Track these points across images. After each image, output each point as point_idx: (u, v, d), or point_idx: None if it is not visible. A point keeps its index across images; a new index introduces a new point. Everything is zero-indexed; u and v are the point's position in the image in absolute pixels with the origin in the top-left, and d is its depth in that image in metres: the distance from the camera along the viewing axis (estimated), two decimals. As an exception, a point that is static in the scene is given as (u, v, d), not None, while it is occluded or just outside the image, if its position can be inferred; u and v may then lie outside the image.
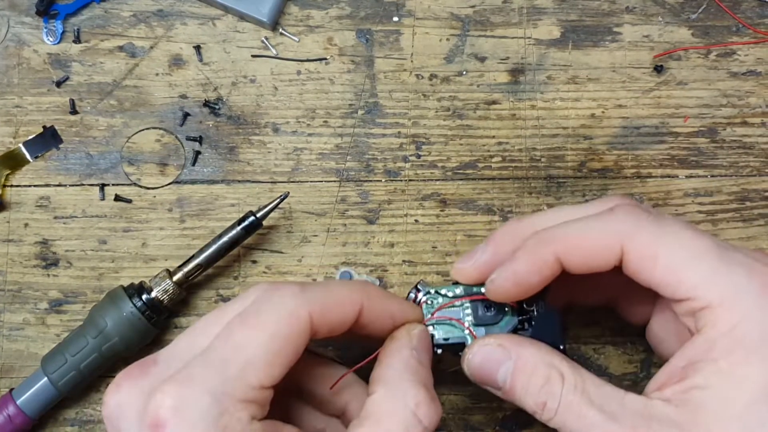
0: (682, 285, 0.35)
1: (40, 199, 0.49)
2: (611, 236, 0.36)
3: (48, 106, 0.50)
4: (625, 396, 0.35)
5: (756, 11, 0.52)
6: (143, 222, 0.49)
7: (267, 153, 0.50)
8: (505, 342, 0.37)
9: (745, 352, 0.33)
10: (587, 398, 0.35)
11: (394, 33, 0.51)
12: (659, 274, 0.35)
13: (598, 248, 0.36)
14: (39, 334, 0.48)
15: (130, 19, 0.51)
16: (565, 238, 0.37)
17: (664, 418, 0.33)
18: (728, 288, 0.34)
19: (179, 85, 0.50)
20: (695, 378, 0.34)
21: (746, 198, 0.50)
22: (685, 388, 0.34)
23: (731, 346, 0.33)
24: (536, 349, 0.37)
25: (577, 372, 0.36)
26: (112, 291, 0.46)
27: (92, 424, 0.48)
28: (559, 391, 0.35)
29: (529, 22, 0.51)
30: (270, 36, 0.51)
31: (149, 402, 0.33)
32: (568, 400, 0.35)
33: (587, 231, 0.37)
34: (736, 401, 0.33)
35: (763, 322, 0.33)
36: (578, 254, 0.37)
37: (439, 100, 0.51)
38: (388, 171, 0.50)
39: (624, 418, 0.34)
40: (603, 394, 0.35)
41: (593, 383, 0.35)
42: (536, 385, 0.36)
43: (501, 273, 0.38)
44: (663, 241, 0.35)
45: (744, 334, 0.33)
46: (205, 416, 0.32)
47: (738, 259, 0.35)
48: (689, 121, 0.51)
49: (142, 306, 0.45)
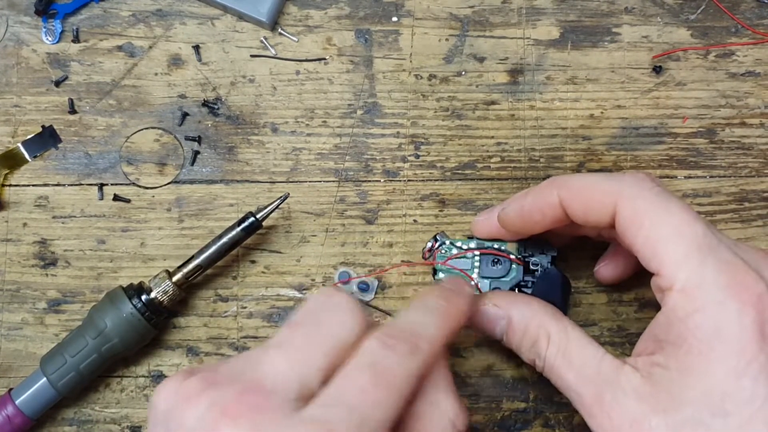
0: (655, 259, 0.35)
1: (38, 198, 0.49)
2: (610, 193, 0.37)
3: (47, 106, 0.50)
4: (602, 358, 0.37)
5: (755, 12, 0.52)
6: (142, 222, 0.49)
7: (266, 153, 0.50)
8: (500, 301, 0.41)
9: (700, 343, 0.33)
10: (568, 360, 0.38)
11: (393, 33, 0.51)
12: (639, 241, 0.36)
13: (596, 201, 0.38)
14: (37, 334, 0.48)
15: (129, 19, 0.51)
16: (571, 185, 0.39)
17: (630, 386, 0.35)
18: (694, 276, 0.34)
19: (178, 85, 0.50)
20: (658, 356, 0.35)
21: (745, 199, 0.50)
22: (651, 363, 0.35)
23: (684, 334, 0.34)
24: (527, 309, 0.40)
25: (563, 332, 0.39)
26: (111, 291, 0.46)
27: (90, 423, 0.48)
28: (544, 353, 0.39)
29: (528, 23, 0.51)
30: (269, 36, 0.51)
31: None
32: (551, 362, 0.38)
33: (592, 183, 0.39)
34: (685, 391, 0.34)
35: (720, 315, 0.33)
36: (578, 202, 0.39)
37: (438, 100, 0.51)
38: (387, 171, 0.50)
39: (595, 381, 0.36)
40: (584, 355, 0.37)
41: (578, 344, 0.38)
42: (526, 344, 0.40)
43: (511, 203, 0.42)
44: (654, 213, 0.36)
45: (697, 326, 0.34)
46: None
47: (719, 252, 0.35)
48: (688, 122, 0.51)
49: (142, 307, 0.45)
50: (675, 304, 0.35)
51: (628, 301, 0.49)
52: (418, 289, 0.49)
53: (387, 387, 0.31)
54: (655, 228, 0.36)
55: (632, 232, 0.36)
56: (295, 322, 0.33)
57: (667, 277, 0.35)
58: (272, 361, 0.31)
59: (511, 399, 0.48)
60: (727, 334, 0.33)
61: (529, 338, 0.40)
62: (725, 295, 0.33)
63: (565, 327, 0.39)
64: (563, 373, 0.38)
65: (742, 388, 0.33)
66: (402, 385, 0.31)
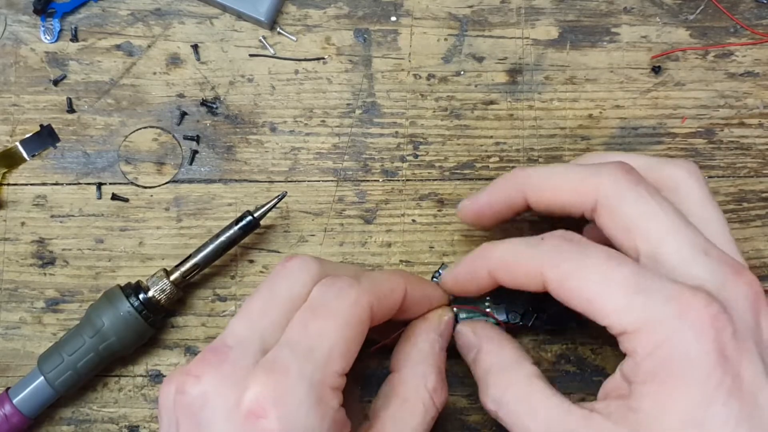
0: (598, 314, 0.35)
1: (36, 197, 0.49)
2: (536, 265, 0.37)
3: (45, 105, 0.50)
4: (569, 410, 0.35)
5: (754, 12, 0.52)
6: (140, 221, 0.49)
7: (264, 152, 0.50)
8: (479, 331, 0.42)
9: (668, 376, 0.33)
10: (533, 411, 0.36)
11: (391, 33, 0.51)
12: (576, 303, 0.36)
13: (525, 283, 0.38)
14: (35, 333, 0.48)
15: (128, 18, 0.51)
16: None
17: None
18: (642, 315, 0.33)
19: (177, 84, 0.50)
20: (630, 399, 0.34)
21: (743, 199, 0.50)
22: (624, 407, 0.34)
23: (654, 370, 0.33)
24: (498, 348, 0.40)
25: (526, 381, 0.38)
26: (109, 290, 0.46)
27: (88, 423, 0.48)
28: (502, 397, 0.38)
29: (527, 23, 0.51)
30: (268, 35, 0.51)
31: (245, 392, 0.33)
32: (512, 408, 0.37)
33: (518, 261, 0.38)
34: (665, 427, 0.32)
35: (680, 345, 0.32)
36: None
37: (437, 100, 0.51)
38: (386, 171, 0.50)
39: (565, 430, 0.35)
40: (549, 405, 0.36)
41: (542, 394, 0.37)
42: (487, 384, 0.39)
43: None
44: (578, 274, 0.35)
45: (663, 358, 0.33)
46: (305, 404, 0.33)
47: (657, 286, 0.34)
48: (687, 122, 0.51)
49: (139, 306, 0.45)
50: (636, 345, 0.34)
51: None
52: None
53: (325, 318, 0.35)
54: (585, 286, 0.35)
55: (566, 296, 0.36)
56: (253, 293, 0.38)
57: (616, 326, 0.34)
58: (233, 326, 0.36)
59: (509, 399, 0.48)
60: (691, 362, 0.32)
61: (493, 377, 0.39)
62: (679, 323, 0.33)
63: (528, 376, 0.38)
64: (526, 422, 0.36)
65: (714, 414, 0.32)
66: (342, 314, 0.36)
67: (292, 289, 0.37)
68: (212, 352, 0.35)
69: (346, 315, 0.36)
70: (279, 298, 0.37)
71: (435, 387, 0.40)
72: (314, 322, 0.35)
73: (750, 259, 0.49)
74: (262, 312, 0.37)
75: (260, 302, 0.37)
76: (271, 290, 0.38)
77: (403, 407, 0.39)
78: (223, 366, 0.34)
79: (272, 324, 0.36)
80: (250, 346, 0.35)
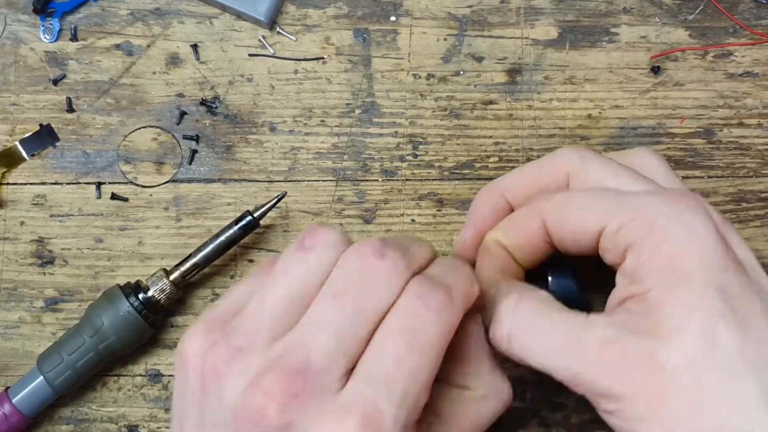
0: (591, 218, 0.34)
1: (36, 197, 0.49)
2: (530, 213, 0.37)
3: (44, 104, 0.50)
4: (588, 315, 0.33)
5: (753, 12, 0.52)
6: (139, 221, 0.49)
7: (264, 152, 0.50)
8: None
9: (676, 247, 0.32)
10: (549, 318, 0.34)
11: (391, 32, 0.51)
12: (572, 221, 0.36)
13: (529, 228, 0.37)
14: (34, 333, 0.48)
15: (127, 18, 0.51)
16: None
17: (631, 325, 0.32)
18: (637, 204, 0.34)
19: (176, 84, 0.50)
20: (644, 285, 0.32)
21: (742, 199, 0.50)
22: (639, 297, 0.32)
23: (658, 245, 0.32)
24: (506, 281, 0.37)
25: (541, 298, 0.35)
26: (108, 290, 0.46)
27: (87, 422, 0.48)
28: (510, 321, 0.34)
29: (527, 23, 0.51)
30: (267, 35, 0.51)
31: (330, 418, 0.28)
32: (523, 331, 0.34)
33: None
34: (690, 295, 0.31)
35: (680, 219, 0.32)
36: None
37: (436, 99, 0.51)
38: (385, 170, 0.50)
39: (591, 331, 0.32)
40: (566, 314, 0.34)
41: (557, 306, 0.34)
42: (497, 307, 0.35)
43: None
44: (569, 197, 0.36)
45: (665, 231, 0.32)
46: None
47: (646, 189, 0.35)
48: (686, 122, 0.51)
49: (139, 305, 0.45)
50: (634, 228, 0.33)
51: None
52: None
53: (422, 351, 0.30)
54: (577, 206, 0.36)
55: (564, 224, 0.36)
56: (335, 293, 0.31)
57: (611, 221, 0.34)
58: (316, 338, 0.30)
59: (508, 399, 0.48)
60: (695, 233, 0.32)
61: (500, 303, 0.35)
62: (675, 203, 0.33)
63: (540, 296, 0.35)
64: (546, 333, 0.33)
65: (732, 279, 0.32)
66: (437, 345, 0.30)
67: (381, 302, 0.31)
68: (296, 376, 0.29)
69: (442, 343, 0.31)
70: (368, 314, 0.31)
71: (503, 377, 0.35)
72: (411, 358, 0.30)
73: (749, 259, 0.49)
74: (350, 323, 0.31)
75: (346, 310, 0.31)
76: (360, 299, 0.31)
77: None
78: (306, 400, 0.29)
79: (358, 338, 0.30)
80: (336, 368, 0.30)
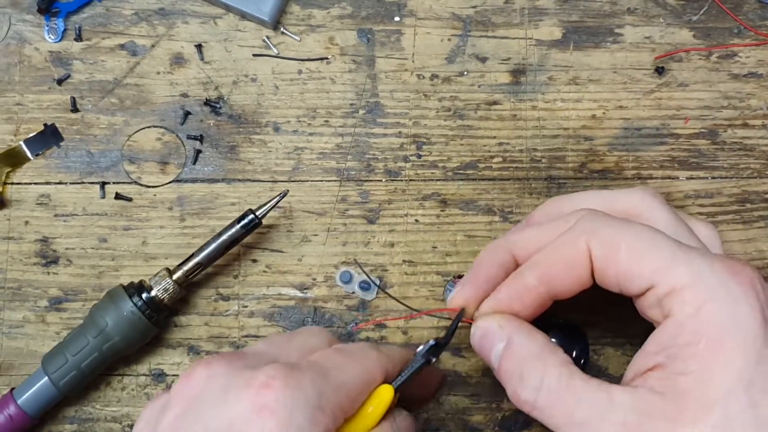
0: (645, 271, 0.34)
1: (40, 196, 0.49)
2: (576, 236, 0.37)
3: (49, 104, 0.50)
4: (609, 389, 0.34)
5: (757, 13, 0.52)
6: (143, 220, 0.49)
7: (268, 152, 0.50)
8: (505, 323, 0.38)
9: (717, 334, 0.32)
10: (574, 395, 0.34)
11: (395, 33, 0.51)
12: (624, 264, 0.35)
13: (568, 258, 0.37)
14: (39, 332, 0.48)
15: (132, 18, 0.51)
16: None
17: (652, 409, 0.33)
18: (690, 271, 0.34)
19: (180, 84, 0.50)
20: (674, 365, 0.33)
21: (746, 200, 0.50)
22: (666, 376, 0.33)
23: (700, 328, 0.33)
24: (529, 338, 0.37)
25: (564, 366, 0.36)
26: (112, 290, 0.46)
27: (91, 422, 0.48)
28: (540, 385, 0.35)
29: (531, 23, 0.51)
30: (271, 35, 0.51)
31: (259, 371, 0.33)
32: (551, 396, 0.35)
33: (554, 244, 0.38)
34: (716, 387, 0.32)
35: (729, 301, 0.33)
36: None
37: (440, 100, 0.51)
38: (389, 171, 0.50)
39: (612, 413, 0.33)
40: (589, 388, 0.34)
41: (581, 377, 0.35)
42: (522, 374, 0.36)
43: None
44: (623, 235, 0.35)
45: (711, 315, 0.33)
46: (308, 402, 0.33)
47: (701, 252, 0.35)
48: (690, 123, 0.51)
49: (143, 305, 0.45)
50: (683, 302, 0.33)
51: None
52: (419, 289, 0.49)
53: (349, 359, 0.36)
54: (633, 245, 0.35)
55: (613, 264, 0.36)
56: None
57: (662, 284, 0.34)
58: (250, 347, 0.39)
59: (511, 399, 0.48)
60: (738, 321, 0.32)
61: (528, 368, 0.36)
62: (727, 281, 0.33)
63: (564, 362, 0.36)
64: (570, 407, 0.34)
65: (764, 373, 0.32)
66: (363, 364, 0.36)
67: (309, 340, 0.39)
68: (228, 353, 0.36)
69: (366, 366, 0.37)
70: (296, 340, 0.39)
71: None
72: (337, 357, 0.36)
73: (753, 260, 0.49)
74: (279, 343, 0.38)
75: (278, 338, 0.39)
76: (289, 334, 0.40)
77: None
78: (237, 360, 0.35)
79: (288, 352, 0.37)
80: (265, 356, 0.36)
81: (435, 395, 0.47)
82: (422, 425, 0.48)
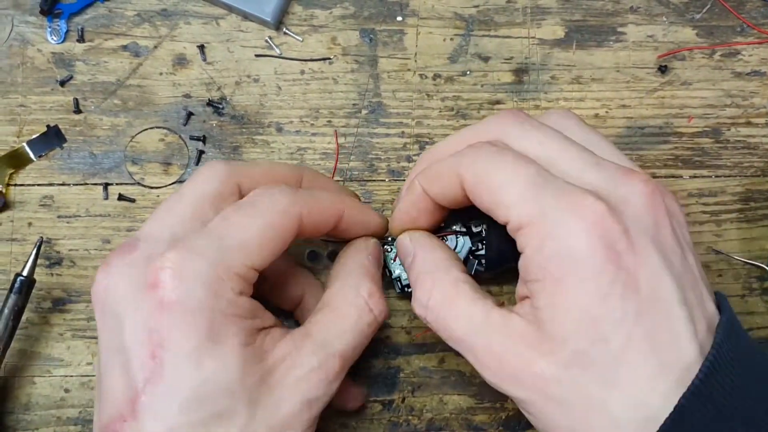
0: (500, 209, 0.36)
1: (43, 198, 0.49)
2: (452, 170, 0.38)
3: (52, 106, 0.50)
4: (491, 310, 0.36)
5: (760, 11, 0.52)
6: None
7: (270, 153, 0.50)
8: (414, 237, 0.42)
9: (557, 272, 0.33)
10: (454, 313, 0.37)
11: (397, 33, 0.51)
12: (486, 199, 0.36)
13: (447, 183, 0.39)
14: (42, 334, 0.48)
15: (134, 19, 0.51)
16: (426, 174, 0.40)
17: (517, 334, 0.34)
18: (537, 207, 0.34)
19: (183, 85, 0.50)
20: (533, 298, 0.34)
21: (750, 198, 0.50)
22: (530, 306, 0.35)
23: (543, 265, 0.34)
24: (428, 253, 0.40)
25: (453, 285, 0.38)
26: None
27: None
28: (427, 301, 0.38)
29: (533, 22, 0.51)
30: (274, 36, 0.51)
31: (149, 266, 0.34)
32: (436, 313, 0.38)
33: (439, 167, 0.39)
34: (563, 323, 0.33)
35: (566, 239, 0.33)
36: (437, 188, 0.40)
37: (443, 99, 0.50)
38: (392, 171, 0.50)
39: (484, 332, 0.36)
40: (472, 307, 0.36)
41: (467, 296, 0.37)
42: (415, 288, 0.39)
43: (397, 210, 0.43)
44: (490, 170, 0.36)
45: (551, 251, 0.33)
46: (202, 280, 0.34)
47: (554, 183, 0.35)
48: (693, 122, 0.51)
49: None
50: (526, 240, 0.34)
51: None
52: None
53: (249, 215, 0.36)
54: (492, 182, 0.36)
55: (479, 195, 0.37)
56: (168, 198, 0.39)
57: (513, 219, 0.35)
58: (143, 226, 0.38)
59: (516, 399, 0.48)
60: (580, 256, 0.32)
61: (421, 283, 0.39)
62: (567, 218, 0.33)
63: (455, 279, 0.38)
64: (450, 323, 0.37)
65: (612, 309, 0.32)
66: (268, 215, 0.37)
67: (203, 188, 0.39)
68: (123, 246, 0.37)
69: (271, 217, 0.37)
70: (187, 197, 0.38)
71: (370, 293, 0.39)
72: (235, 216, 0.36)
73: (757, 258, 0.49)
74: (170, 210, 0.38)
75: (168, 203, 0.39)
76: (179, 193, 0.39)
77: (333, 313, 0.39)
78: (131, 254, 0.36)
79: (182, 220, 0.38)
80: (159, 238, 0.37)
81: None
82: (426, 425, 0.48)
